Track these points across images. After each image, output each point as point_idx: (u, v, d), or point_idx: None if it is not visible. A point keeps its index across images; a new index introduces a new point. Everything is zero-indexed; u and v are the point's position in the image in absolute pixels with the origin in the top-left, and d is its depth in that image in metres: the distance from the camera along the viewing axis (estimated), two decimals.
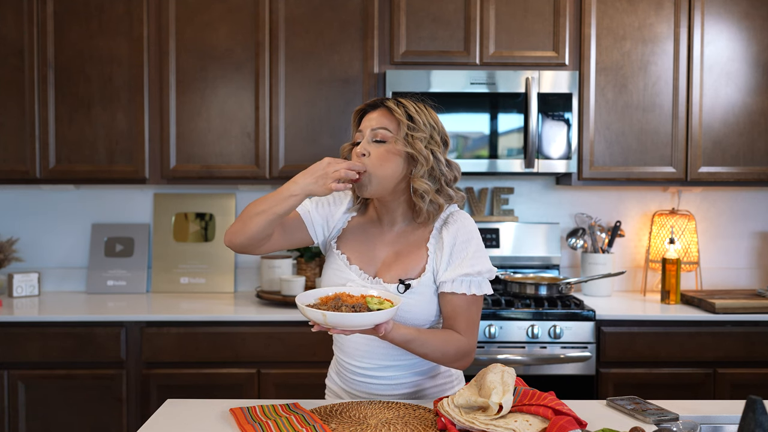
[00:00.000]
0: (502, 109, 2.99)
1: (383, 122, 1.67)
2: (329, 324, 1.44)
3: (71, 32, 3.02)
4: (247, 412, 1.55)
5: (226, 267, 3.32)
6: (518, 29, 3.04)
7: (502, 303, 2.85)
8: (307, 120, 3.04)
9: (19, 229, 3.35)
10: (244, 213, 1.66)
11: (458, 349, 1.63)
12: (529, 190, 3.42)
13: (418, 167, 1.65)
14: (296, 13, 3.03)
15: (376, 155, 1.64)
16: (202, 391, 2.67)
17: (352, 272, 1.70)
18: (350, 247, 1.74)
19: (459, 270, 1.63)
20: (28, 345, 2.73)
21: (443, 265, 1.65)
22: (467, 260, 1.64)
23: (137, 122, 3.03)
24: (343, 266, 1.71)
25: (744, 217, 3.44)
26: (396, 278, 1.66)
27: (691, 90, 3.06)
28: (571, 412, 1.41)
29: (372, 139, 1.66)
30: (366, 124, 1.69)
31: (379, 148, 1.65)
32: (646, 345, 2.80)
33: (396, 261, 1.69)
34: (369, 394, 1.72)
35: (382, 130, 1.65)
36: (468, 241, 1.66)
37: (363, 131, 1.68)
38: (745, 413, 1.13)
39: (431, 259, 1.67)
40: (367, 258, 1.72)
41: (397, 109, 1.66)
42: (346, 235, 1.76)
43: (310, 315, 1.46)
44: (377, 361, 1.69)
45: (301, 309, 1.49)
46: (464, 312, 1.65)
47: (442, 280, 1.65)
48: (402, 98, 1.72)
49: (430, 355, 1.62)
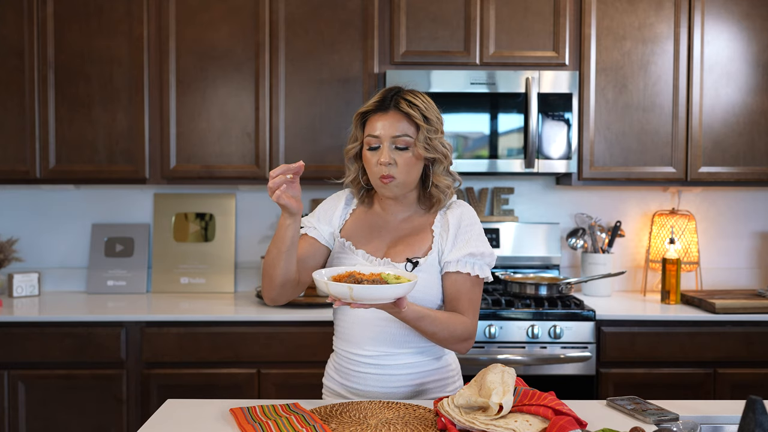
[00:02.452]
0: (502, 109, 2.99)
1: (403, 128, 1.67)
2: (355, 297, 1.43)
3: (71, 32, 3.02)
4: (247, 412, 1.55)
5: (226, 267, 3.32)
6: (518, 29, 3.04)
7: (502, 303, 2.85)
8: (307, 120, 3.04)
9: (19, 229, 3.35)
10: (263, 272, 1.69)
11: (464, 328, 1.67)
12: (529, 190, 3.42)
13: (438, 166, 1.72)
14: (296, 13, 3.03)
15: (403, 163, 1.68)
16: (202, 391, 2.67)
17: (358, 256, 1.72)
18: (354, 234, 1.78)
19: (464, 250, 1.69)
20: (28, 345, 2.73)
21: (448, 245, 1.71)
22: (472, 241, 1.70)
23: (137, 122, 3.03)
24: (348, 252, 1.74)
25: (744, 217, 3.44)
26: (403, 258, 1.70)
27: (691, 90, 3.06)
28: (571, 412, 1.41)
29: (393, 146, 1.67)
30: (383, 131, 1.68)
31: (403, 155, 1.68)
32: (646, 345, 2.80)
33: (402, 244, 1.74)
34: (369, 386, 1.72)
35: (404, 138, 1.67)
36: (472, 224, 1.73)
37: (381, 138, 1.68)
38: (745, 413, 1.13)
39: (437, 240, 1.73)
40: (374, 244, 1.75)
41: (415, 113, 1.67)
42: (350, 225, 1.80)
43: (334, 289, 1.44)
44: (383, 347, 1.70)
45: (322, 284, 1.47)
46: (468, 292, 1.70)
47: (447, 260, 1.70)
48: (408, 94, 1.72)
49: (439, 334, 1.64)
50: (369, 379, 1.72)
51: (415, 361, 1.72)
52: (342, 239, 1.77)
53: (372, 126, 1.70)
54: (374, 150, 1.70)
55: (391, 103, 1.70)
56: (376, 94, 1.75)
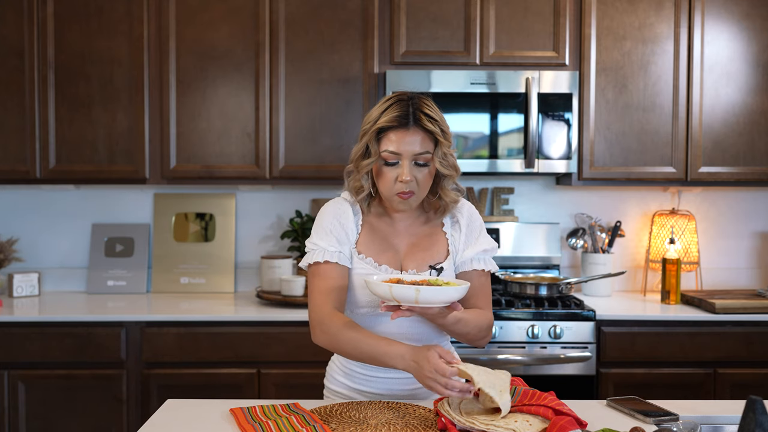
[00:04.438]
0: (502, 109, 2.99)
1: (425, 146, 1.65)
2: (420, 300, 1.44)
3: (71, 32, 3.01)
4: (247, 412, 1.55)
5: (227, 267, 3.32)
6: (518, 29, 3.04)
7: (503, 303, 2.85)
8: (307, 120, 3.04)
9: (19, 229, 3.35)
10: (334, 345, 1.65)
11: (489, 324, 1.72)
12: (529, 190, 3.42)
13: (448, 181, 1.73)
14: (296, 13, 3.03)
15: (422, 180, 1.67)
16: (202, 391, 2.67)
17: (382, 272, 1.70)
18: (371, 248, 1.73)
19: (477, 247, 1.74)
20: (28, 345, 2.73)
21: (461, 245, 1.75)
22: (482, 238, 1.76)
23: (137, 122, 3.03)
24: (371, 269, 1.70)
25: (744, 217, 3.44)
26: (424, 266, 1.72)
27: (692, 90, 3.06)
28: (571, 413, 1.41)
29: (413, 162, 1.65)
30: (406, 147, 1.63)
31: (422, 172, 1.67)
32: (647, 345, 2.80)
33: (416, 250, 1.74)
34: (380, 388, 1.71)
35: (425, 155, 1.65)
36: (478, 220, 1.78)
37: (402, 155, 1.63)
38: (745, 413, 1.12)
39: (451, 242, 1.76)
40: (390, 254, 1.74)
41: (436, 129, 1.64)
42: (363, 239, 1.74)
43: (398, 292, 1.45)
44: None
45: (382, 288, 1.47)
46: (484, 287, 1.75)
47: (463, 260, 1.74)
48: (425, 107, 1.65)
49: (471, 334, 1.66)
50: (380, 382, 1.72)
51: None
52: (361, 255, 1.71)
53: (391, 142, 1.63)
54: (392, 165, 1.65)
55: (411, 119, 1.63)
56: (390, 105, 1.66)
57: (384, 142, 1.65)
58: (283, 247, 3.37)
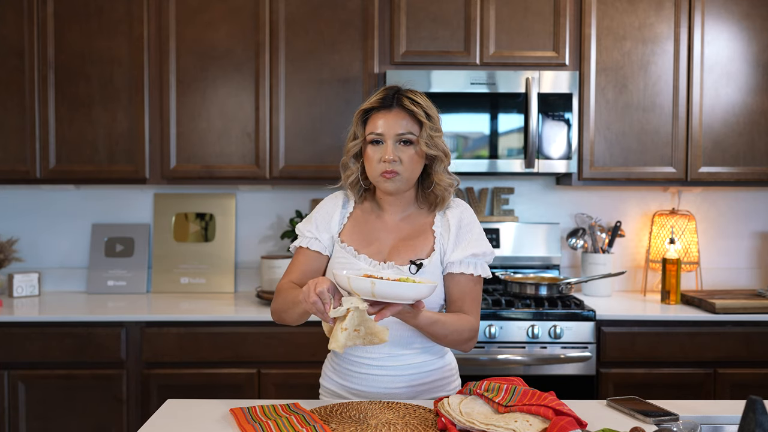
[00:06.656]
0: (502, 109, 2.99)
1: (408, 126, 1.68)
2: (376, 293, 1.42)
3: (71, 32, 3.02)
4: (248, 412, 1.55)
5: (227, 267, 3.32)
6: (518, 29, 3.04)
7: (503, 303, 2.85)
8: (307, 120, 3.04)
9: (19, 229, 3.35)
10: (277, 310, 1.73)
11: (471, 328, 1.69)
12: (529, 190, 3.42)
13: (439, 164, 1.72)
14: (296, 13, 3.03)
15: (407, 159, 1.68)
16: (202, 391, 2.67)
17: (361, 261, 1.71)
18: (354, 238, 1.76)
19: (467, 251, 1.70)
20: (28, 345, 2.73)
21: (450, 246, 1.72)
22: (473, 241, 1.71)
23: (137, 122, 3.03)
24: (351, 257, 1.72)
25: (744, 217, 3.44)
26: (406, 260, 1.70)
27: (692, 90, 3.06)
28: (571, 413, 1.41)
29: (397, 143, 1.68)
30: (387, 128, 1.68)
31: (407, 151, 1.68)
32: (647, 345, 2.80)
33: (402, 245, 1.73)
34: (370, 386, 1.72)
35: (408, 135, 1.68)
36: (472, 223, 1.74)
37: (385, 135, 1.68)
38: (745, 413, 1.12)
39: (438, 240, 1.73)
40: (375, 247, 1.74)
41: (418, 110, 1.68)
42: (349, 228, 1.78)
43: (356, 284, 1.44)
44: (387, 349, 1.69)
45: (343, 278, 1.46)
46: (471, 292, 1.71)
47: (450, 261, 1.71)
48: (408, 92, 1.72)
49: (449, 337, 1.65)
50: (371, 380, 1.72)
51: (418, 361, 1.72)
52: (343, 244, 1.75)
53: (375, 123, 1.70)
54: (376, 146, 1.70)
55: (393, 101, 1.70)
56: (377, 92, 1.75)
57: (369, 125, 1.72)
58: (283, 247, 3.37)
